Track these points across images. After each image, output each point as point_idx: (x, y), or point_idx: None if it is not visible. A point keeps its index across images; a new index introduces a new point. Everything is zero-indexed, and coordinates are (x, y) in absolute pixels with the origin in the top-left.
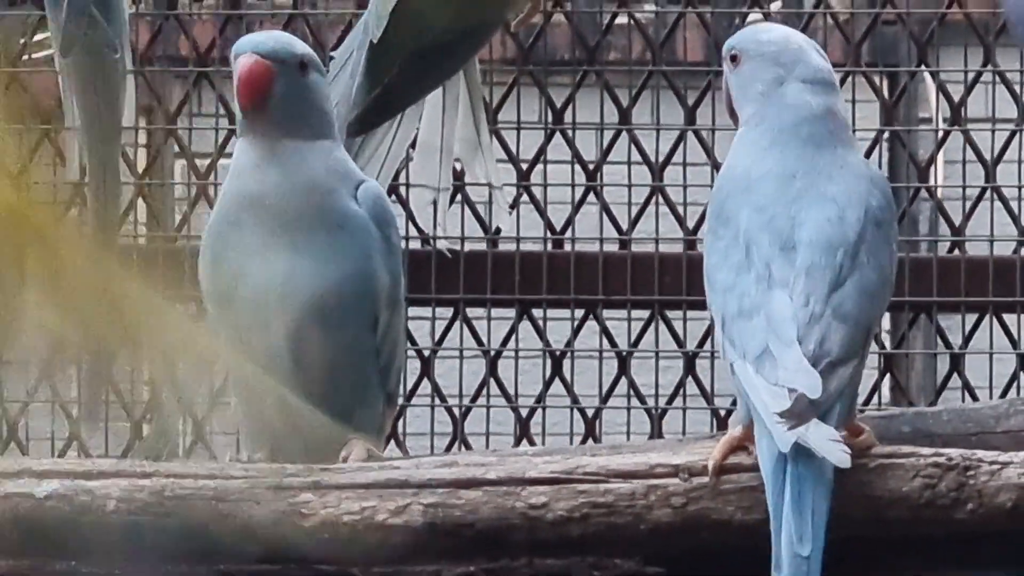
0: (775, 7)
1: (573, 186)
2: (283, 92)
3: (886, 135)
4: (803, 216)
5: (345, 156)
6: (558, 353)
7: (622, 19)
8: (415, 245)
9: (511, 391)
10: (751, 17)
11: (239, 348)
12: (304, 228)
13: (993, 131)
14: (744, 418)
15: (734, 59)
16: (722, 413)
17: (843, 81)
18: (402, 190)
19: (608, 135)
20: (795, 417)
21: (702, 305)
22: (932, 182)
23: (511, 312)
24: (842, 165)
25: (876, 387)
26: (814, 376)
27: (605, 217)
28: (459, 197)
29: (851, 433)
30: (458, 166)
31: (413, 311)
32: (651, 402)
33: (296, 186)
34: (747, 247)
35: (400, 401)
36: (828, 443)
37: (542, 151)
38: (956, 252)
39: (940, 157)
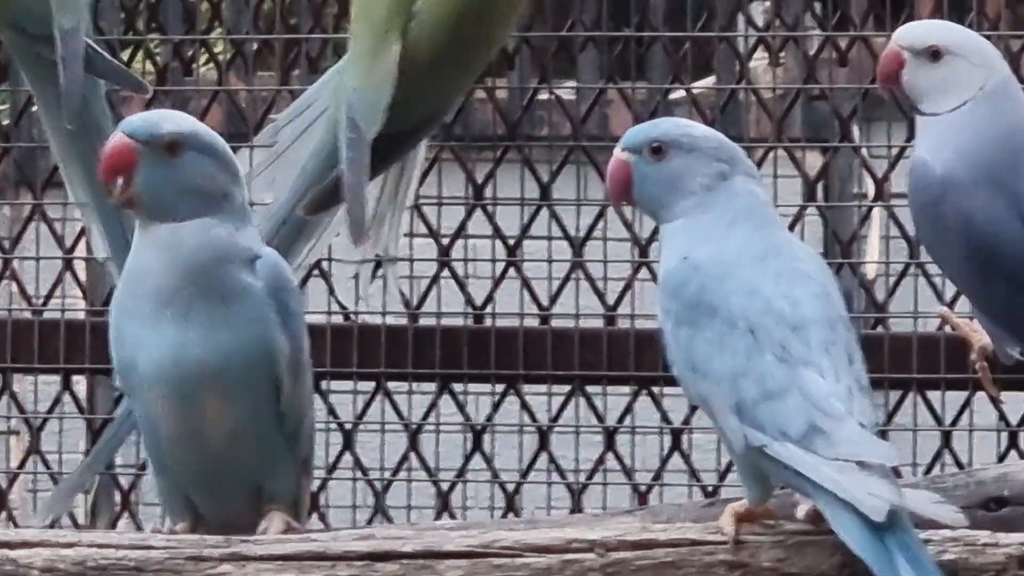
0: (704, 83)
1: (494, 261)
2: (146, 173)
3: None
4: (795, 295)
5: (233, 232)
6: (479, 427)
7: (547, 95)
8: (337, 319)
9: (432, 464)
10: (674, 94)
11: (147, 419)
12: (190, 301)
13: None
14: (756, 498)
15: (657, 151)
16: (642, 488)
17: (764, 157)
18: (324, 264)
19: (529, 210)
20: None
21: (622, 380)
22: (857, 258)
23: (432, 386)
24: (795, 244)
25: None
26: (884, 445)
27: (526, 292)
28: (380, 271)
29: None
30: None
31: (335, 384)
32: (571, 476)
33: (171, 266)
34: (752, 331)
35: (322, 474)
36: (934, 506)
37: (463, 226)
38: (879, 328)
39: (874, 234)
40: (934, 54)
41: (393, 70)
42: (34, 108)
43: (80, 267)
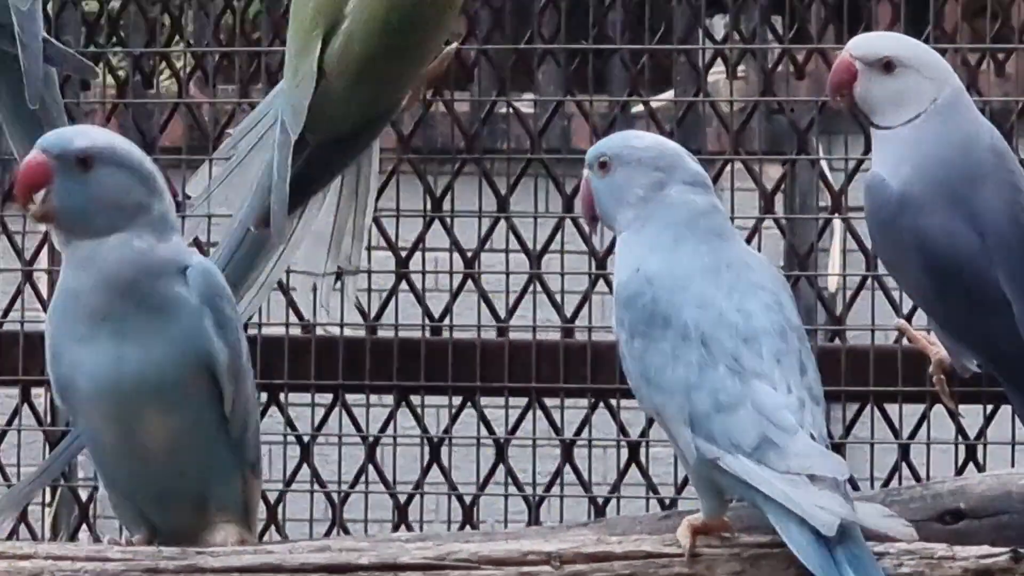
0: (665, 96)
1: (451, 273)
2: (61, 189)
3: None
4: (748, 306)
5: (153, 245)
6: (436, 440)
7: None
8: (295, 331)
9: (389, 477)
10: (635, 108)
11: (91, 434)
12: (123, 317)
13: None
14: (712, 510)
15: (604, 166)
16: (599, 501)
17: (722, 170)
18: (283, 276)
19: (487, 223)
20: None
21: (579, 393)
22: (816, 270)
23: (390, 399)
24: (748, 254)
25: None
26: (835, 458)
27: (483, 304)
28: (338, 283)
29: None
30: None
31: (292, 397)
32: (529, 489)
33: (97, 283)
34: (704, 343)
35: (279, 486)
36: (885, 520)
37: (421, 238)
38: (837, 341)
39: (836, 247)
40: (887, 66)
41: (313, 71)
42: None
43: (40, 280)
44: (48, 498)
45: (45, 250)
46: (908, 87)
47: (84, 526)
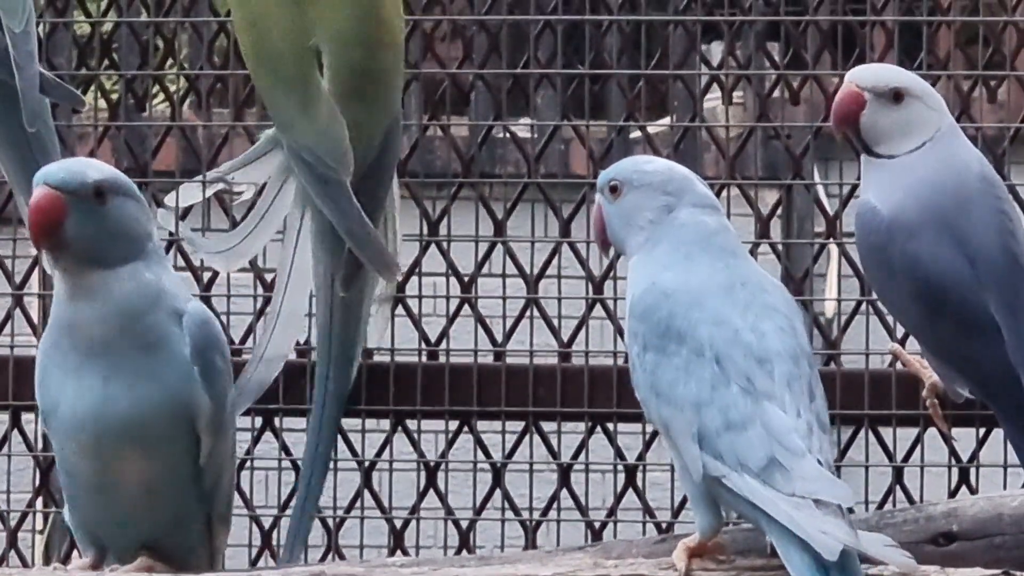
0: (663, 121)
1: (448, 298)
2: (77, 223)
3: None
4: (762, 327)
5: (160, 275)
6: (432, 464)
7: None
8: (291, 355)
9: (385, 502)
10: (633, 132)
11: (64, 461)
12: (116, 352)
13: None
14: (708, 527)
15: (614, 190)
16: (596, 525)
17: (719, 195)
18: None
19: (484, 247)
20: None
21: (576, 417)
22: (811, 295)
23: (386, 423)
24: (761, 275)
25: None
26: (841, 485)
27: (480, 329)
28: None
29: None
30: None
31: (287, 423)
32: (525, 514)
33: (103, 314)
34: (718, 361)
35: (275, 512)
36: (886, 549)
37: (417, 263)
38: (832, 365)
39: (832, 272)
40: (896, 96)
41: (332, 106)
42: None
43: (31, 304)
44: (40, 524)
45: (36, 274)
46: (915, 117)
47: (76, 552)
